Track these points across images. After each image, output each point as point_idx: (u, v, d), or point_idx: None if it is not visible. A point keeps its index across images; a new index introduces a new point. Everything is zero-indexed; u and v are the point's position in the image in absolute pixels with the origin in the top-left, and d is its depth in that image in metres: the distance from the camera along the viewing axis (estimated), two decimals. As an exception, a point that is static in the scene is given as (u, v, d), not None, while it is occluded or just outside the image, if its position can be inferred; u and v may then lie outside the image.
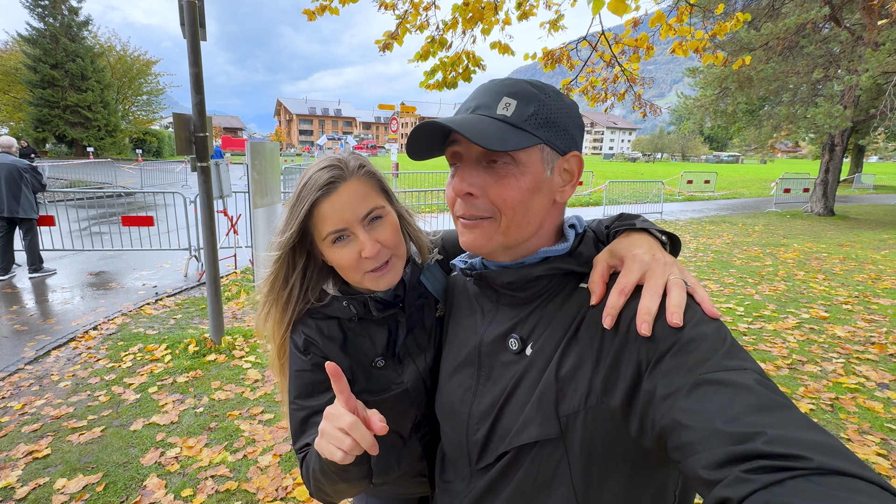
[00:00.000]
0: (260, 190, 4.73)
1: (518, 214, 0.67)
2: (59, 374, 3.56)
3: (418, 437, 1.00)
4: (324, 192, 0.81)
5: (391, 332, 0.94)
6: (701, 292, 0.60)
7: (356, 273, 0.85)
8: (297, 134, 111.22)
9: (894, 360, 3.76)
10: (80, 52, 28.95)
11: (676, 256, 0.70)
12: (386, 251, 0.85)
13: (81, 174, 17.74)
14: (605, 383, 0.59)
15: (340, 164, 0.85)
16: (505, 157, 0.65)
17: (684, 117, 17.40)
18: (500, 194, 0.65)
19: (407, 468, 1.02)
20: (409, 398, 0.94)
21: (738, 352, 0.52)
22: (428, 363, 0.95)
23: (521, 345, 0.69)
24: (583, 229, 0.74)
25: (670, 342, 0.54)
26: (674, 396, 0.50)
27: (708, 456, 0.44)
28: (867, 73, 9.97)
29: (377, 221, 0.85)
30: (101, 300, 5.28)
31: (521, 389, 0.67)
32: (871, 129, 19.26)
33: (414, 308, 0.95)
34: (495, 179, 0.66)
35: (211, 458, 2.62)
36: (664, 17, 3.54)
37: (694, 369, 0.50)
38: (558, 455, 0.62)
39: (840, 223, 11.84)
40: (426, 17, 3.91)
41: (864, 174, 24.34)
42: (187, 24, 3.28)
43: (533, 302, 0.71)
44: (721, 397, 0.47)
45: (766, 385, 0.48)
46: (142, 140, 35.52)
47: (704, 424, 0.46)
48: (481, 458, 0.72)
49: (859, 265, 7.15)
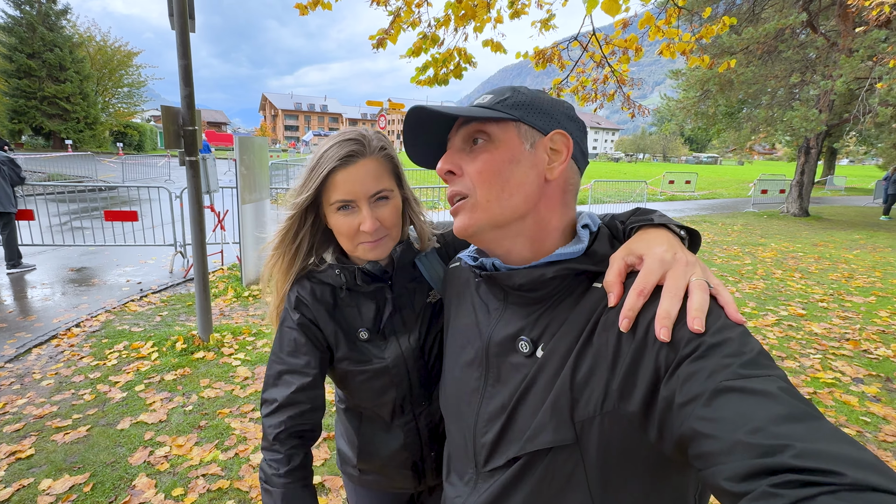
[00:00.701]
0: (248, 185, 4.67)
1: (495, 186, 0.66)
2: (42, 372, 3.46)
3: (401, 424, 1.01)
4: (342, 163, 0.86)
5: (379, 307, 0.97)
6: (725, 295, 0.57)
7: (351, 242, 0.91)
8: (282, 129, 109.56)
9: (868, 356, 3.92)
10: (58, 42, 28.09)
11: (696, 252, 0.68)
12: (383, 230, 0.90)
13: (60, 167, 17.19)
14: (623, 388, 0.56)
15: (364, 140, 0.89)
16: (482, 136, 0.68)
17: (666, 118, 17.73)
18: (475, 167, 0.68)
19: (389, 455, 1.04)
20: (388, 375, 0.96)
21: (763, 359, 0.49)
22: (412, 344, 0.97)
23: (531, 347, 0.67)
24: (597, 227, 0.72)
25: (691, 347, 0.51)
26: (693, 404, 0.48)
27: (732, 468, 0.42)
28: (841, 78, 10.32)
29: (382, 202, 0.90)
30: (84, 297, 5.14)
31: (532, 393, 0.65)
32: (844, 133, 19.93)
33: (404, 288, 0.99)
34: (472, 157, 0.69)
35: (202, 456, 2.59)
36: (653, 18, 3.61)
37: (714, 376, 0.48)
38: (573, 461, 0.61)
39: (814, 223, 12.21)
40: (418, 13, 3.90)
41: (836, 176, 25.15)
42: (176, 15, 3.21)
43: (544, 302, 0.68)
44: (744, 406, 0.45)
45: (792, 393, 0.45)
46: (123, 133, 34.63)
47: (727, 435, 0.44)
48: (489, 461, 0.70)
49: (833, 264, 7.41)
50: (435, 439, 1.03)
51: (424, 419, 1.02)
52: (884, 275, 6.72)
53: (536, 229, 0.69)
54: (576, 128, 0.71)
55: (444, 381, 0.84)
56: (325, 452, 2.64)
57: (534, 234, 0.69)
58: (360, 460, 1.07)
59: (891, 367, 3.69)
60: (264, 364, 3.62)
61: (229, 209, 6.56)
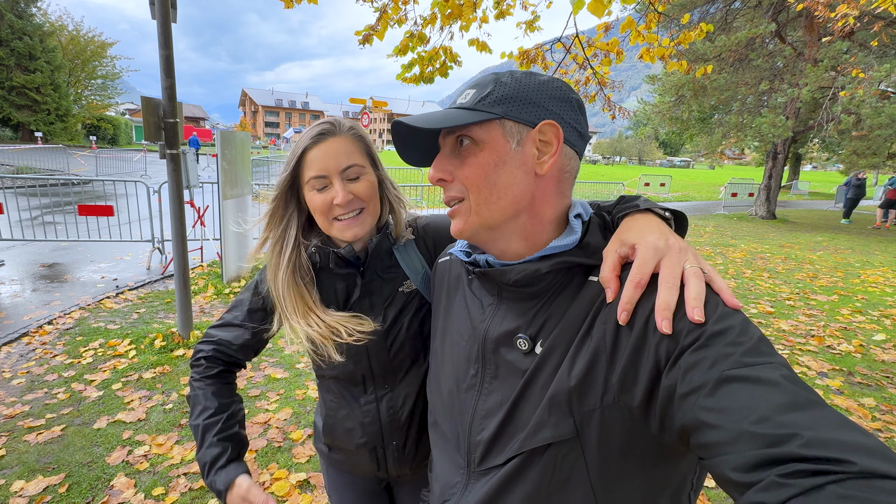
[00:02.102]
0: (230, 181, 4.59)
1: (484, 191, 0.66)
2: (12, 370, 3.33)
3: (361, 403, 1.06)
4: (313, 142, 0.93)
5: (348, 289, 1.03)
6: (719, 281, 0.57)
7: (326, 218, 0.95)
8: (262, 126, 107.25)
9: (831, 351, 4.12)
10: (27, 30, 26.83)
11: (684, 235, 0.69)
12: (358, 202, 0.94)
13: (30, 160, 16.46)
14: (623, 380, 0.56)
15: (334, 122, 0.96)
16: (466, 140, 0.67)
17: (642, 123, 18.16)
18: (463, 173, 0.67)
19: (349, 431, 1.08)
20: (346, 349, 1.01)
21: (764, 346, 0.49)
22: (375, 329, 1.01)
23: (530, 344, 0.66)
24: (588, 217, 0.71)
25: (692, 337, 0.51)
26: (696, 394, 0.48)
27: (737, 457, 0.42)
28: (807, 87, 10.79)
29: (355, 179, 0.94)
30: (56, 293, 4.96)
31: (532, 390, 0.65)
32: (809, 140, 20.81)
33: (375, 275, 1.03)
34: (461, 162, 0.68)
35: (183, 455, 2.55)
36: (634, 23, 3.72)
37: (717, 365, 0.48)
38: (574, 455, 0.60)
39: (781, 226, 12.72)
40: (405, 10, 3.92)
41: (800, 181, 26.24)
42: (157, 4, 3.14)
43: (539, 297, 0.67)
44: (748, 394, 0.44)
45: (794, 380, 0.45)
46: (96, 127, 33.39)
47: (732, 424, 0.44)
48: (485, 460, 0.69)
49: (799, 265, 7.75)
50: (396, 430, 1.06)
51: (386, 404, 1.05)
52: (845, 275, 7.07)
53: (530, 224, 0.68)
54: (568, 109, 0.67)
55: (436, 376, 0.83)
56: (309, 449, 2.62)
57: (528, 229, 0.69)
58: (324, 433, 1.12)
59: (852, 362, 3.89)
60: (246, 361, 3.57)
61: (209, 205, 6.42)
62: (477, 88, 0.67)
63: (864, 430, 0.41)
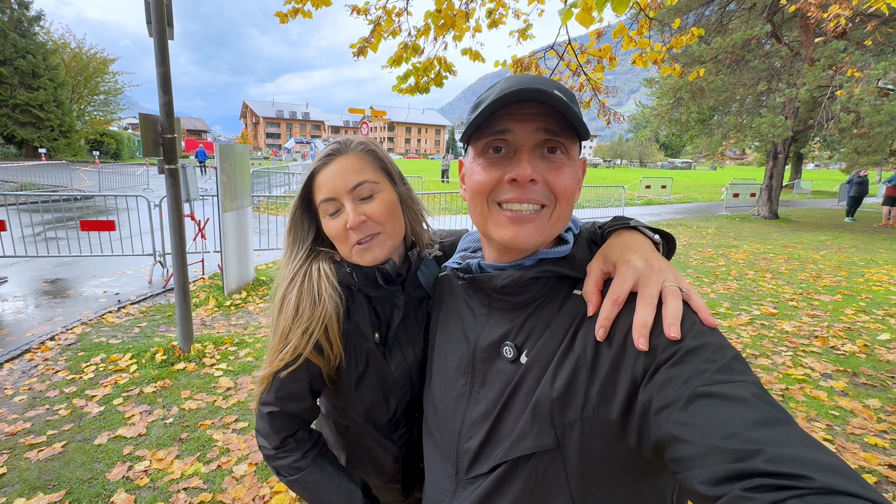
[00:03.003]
0: (229, 193, 4.62)
1: (569, 205, 0.66)
2: (14, 387, 3.34)
3: (395, 438, 0.98)
4: (322, 163, 0.88)
5: (387, 313, 0.93)
6: (697, 299, 0.58)
7: (345, 245, 0.88)
8: (263, 137, 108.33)
9: (835, 352, 4.08)
10: (30, 49, 27.50)
11: (672, 256, 0.70)
12: (373, 225, 0.86)
13: (33, 177, 16.68)
14: (602, 394, 0.57)
15: (342, 141, 0.91)
16: (561, 149, 0.65)
17: (642, 125, 18.20)
18: (561, 182, 0.64)
19: (380, 469, 1.01)
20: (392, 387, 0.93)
21: (737, 364, 0.50)
22: (416, 356, 0.94)
23: (515, 352, 0.67)
24: (578, 231, 0.73)
25: (668, 353, 0.52)
26: (669, 409, 0.49)
27: (706, 472, 0.43)
28: (805, 86, 10.79)
29: (367, 199, 0.86)
30: (58, 309, 4.99)
31: (516, 398, 0.66)
32: (810, 139, 20.79)
33: (410, 296, 0.95)
34: (554, 167, 0.65)
35: (183, 469, 2.54)
36: (626, 29, 3.74)
37: (690, 381, 0.49)
38: (555, 466, 0.61)
39: (783, 226, 12.65)
40: (399, 22, 3.96)
41: (802, 180, 26.15)
42: (154, 22, 3.19)
43: (527, 307, 0.69)
44: (718, 411, 0.46)
45: (765, 399, 0.47)
46: (99, 142, 33.91)
47: (701, 439, 0.45)
48: (472, 468, 0.70)
49: (802, 265, 7.70)
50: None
51: (417, 432, 0.99)
52: (849, 274, 7.02)
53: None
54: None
55: (430, 387, 0.84)
56: (310, 461, 2.61)
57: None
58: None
59: (857, 363, 3.86)
60: (247, 374, 3.57)
61: (210, 217, 6.47)
62: (567, 96, 0.63)
63: (827, 449, 0.42)
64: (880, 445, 2.77)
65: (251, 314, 4.94)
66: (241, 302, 5.23)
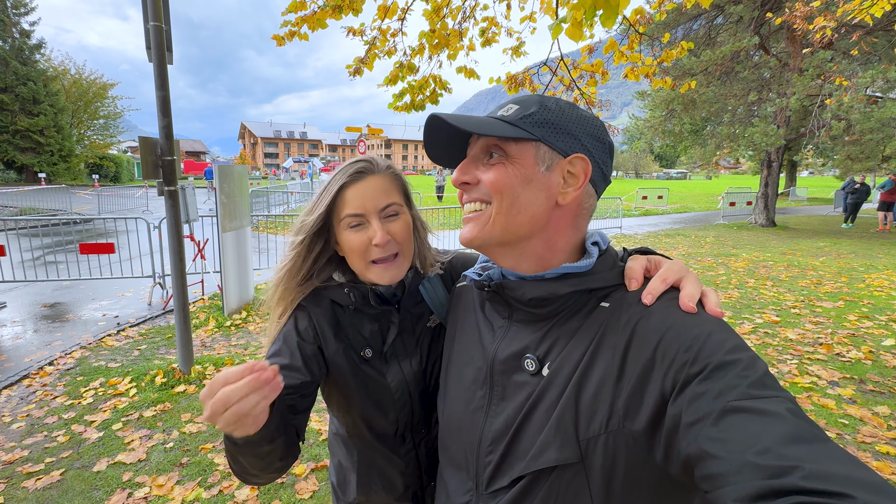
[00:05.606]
0: (229, 213, 4.64)
1: (506, 200, 0.66)
2: (12, 414, 3.30)
3: (402, 454, 1.00)
4: (352, 179, 0.90)
5: (382, 329, 0.97)
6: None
7: (362, 260, 0.90)
8: (262, 157, 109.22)
9: (841, 359, 4.05)
10: (31, 76, 27.98)
11: None
12: (395, 244, 0.90)
13: (33, 201, 16.79)
14: (628, 406, 0.56)
15: (371, 161, 0.94)
16: (498, 152, 0.67)
17: (635, 137, 18.40)
18: (490, 178, 0.67)
19: (390, 486, 1.01)
20: (390, 398, 0.95)
21: (770, 380, 0.50)
22: (413, 368, 0.96)
23: (537, 365, 0.66)
24: (606, 246, 0.73)
25: (700, 366, 0.51)
26: (700, 423, 0.48)
27: (740, 488, 0.42)
28: (795, 95, 10.97)
29: (392, 217, 0.91)
30: (57, 333, 4.95)
31: (538, 411, 0.65)
32: (802, 146, 21.03)
33: (408, 313, 0.99)
34: (488, 169, 0.68)
35: (184, 495, 2.49)
36: (616, 44, 3.81)
37: (722, 395, 0.48)
38: (578, 480, 0.60)
39: (781, 233, 12.70)
40: (393, 42, 4.03)
41: (798, 187, 26.39)
42: (154, 48, 3.24)
43: (549, 319, 0.68)
44: (752, 426, 0.45)
45: (799, 414, 0.46)
46: (99, 165, 34.21)
47: (735, 455, 0.44)
48: (493, 482, 0.69)
49: (802, 272, 7.70)
50: (434, 468, 0.98)
51: (424, 448, 1.01)
52: (849, 280, 7.02)
53: (542, 249, 0.69)
54: (600, 149, 0.70)
55: (446, 400, 0.83)
56: (313, 484, 2.57)
57: (539, 253, 0.70)
58: (359, 493, 1.04)
59: (863, 369, 3.83)
60: (248, 395, 3.53)
61: (209, 238, 6.48)
62: (521, 105, 0.68)
63: (866, 466, 0.41)
64: (892, 454, 2.73)
65: (251, 334, 4.90)
66: (241, 322, 5.20)
